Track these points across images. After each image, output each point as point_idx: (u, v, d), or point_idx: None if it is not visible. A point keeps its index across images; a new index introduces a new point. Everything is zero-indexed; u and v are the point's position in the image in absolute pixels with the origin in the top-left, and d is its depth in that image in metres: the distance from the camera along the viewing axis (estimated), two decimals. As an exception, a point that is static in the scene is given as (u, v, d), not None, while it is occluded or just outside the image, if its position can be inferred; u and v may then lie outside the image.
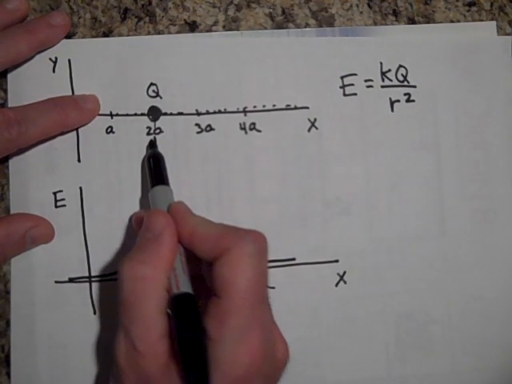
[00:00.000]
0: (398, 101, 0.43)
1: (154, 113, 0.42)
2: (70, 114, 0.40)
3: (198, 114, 0.42)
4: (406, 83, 0.43)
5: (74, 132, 0.41)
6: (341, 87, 0.43)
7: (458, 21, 0.45)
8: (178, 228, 0.34)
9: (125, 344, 0.32)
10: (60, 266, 0.41)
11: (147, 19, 0.43)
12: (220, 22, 0.44)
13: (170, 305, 0.32)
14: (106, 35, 0.43)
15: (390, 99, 0.43)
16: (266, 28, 0.44)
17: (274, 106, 0.42)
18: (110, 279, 0.41)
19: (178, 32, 0.43)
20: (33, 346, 0.41)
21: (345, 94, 0.43)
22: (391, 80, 0.43)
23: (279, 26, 0.44)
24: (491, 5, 0.45)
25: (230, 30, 0.43)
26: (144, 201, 0.42)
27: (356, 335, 0.42)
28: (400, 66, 0.43)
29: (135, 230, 0.38)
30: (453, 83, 0.43)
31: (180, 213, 0.35)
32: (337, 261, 0.42)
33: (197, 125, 0.42)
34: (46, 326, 0.41)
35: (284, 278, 0.42)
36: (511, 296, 0.43)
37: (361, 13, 0.44)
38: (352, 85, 0.43)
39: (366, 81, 0.43)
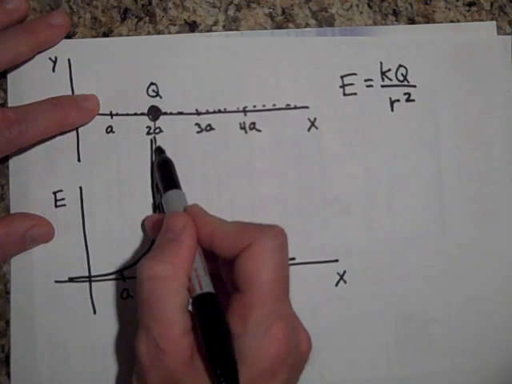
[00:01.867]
0: (398, 100, 0.43)
1: (154, 112, 0.42)
2: (69, 114, 0.40)
3: (198, 113, 0.42)
4: (405, 83, 0.43)
5: (74, 132, 0.41)
6: (341, 87, 0.43)
7: (458, 21, 0.45)
8: (197, 229, 0.35)
9: (147, 342, 0.33)
10: (60, 266, 0.41)
11: (147, 19, 0.43)
12: (220, 22, 0.44)
13: (193, 304, 0.33)
14: (106, 35, 0.43)
15: (390, 99, 0.43)
16: (266, 28, 0.44)
17: (273, 105, 0.42)
18: (110, 279, 0.41)
19: (178, 32, 0.43)
20: (33, 345, 0.41)
21: (345, 94, 0.43)
22: (391, 79, 0.43)
23: (279, 26, 0.44)
24: (491, 5, 0.45)
25: (230, 30, 0.43)
26: (144, 200, 0.42)
27: (356, 335, 0.42)
28: (400, 65, 0.43)
29: (150, 233, 0.39)
30: (453, 83, 0.43)
31: (198, 214, 0.36)
32: (337, 260, 0.42)
33: (197, 124, 0.42)
34: (46, 325, 0.41)
35: None
36: (511, 296, 0.43)
37: (361, 13, 0.44)
38: (352, 84, 0.43)
39: (365, 80, 0.43)
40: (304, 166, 0.42)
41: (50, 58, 0.42)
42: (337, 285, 0.42)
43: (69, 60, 0.42)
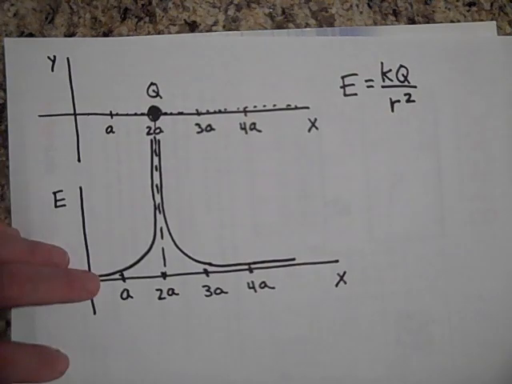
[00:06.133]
0: (399, 101, 0.43)
1: (154, 113, 0.42)
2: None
3: (199, 113, 0.42)
4: (406, 83, 0.43)
5: (74, 132, 0.41)
6: (341, 87, 0.43)
7: (458, 21, 0.45)
8: None
9: None
10: None
11: (147, 19, 0.43)
12: (220, 22, 0.44)
13: None
14: (106, 35, 0.43)
15: (391, 99, 0.43)
16: (266, 28, 0.44)
17: (274, 105, 0.42)
18: (110, 279, 0.41)
19: (177, 32, 0.43)
20: None
21: (345, 94, 0.43)
22: (392, 80, 0.43)
23: (279, 26, 0.44)
24: (491, 5, 0.45)
25: (230, 30, 0.43)
26: (144, 200, 0.41)
27: (356, 335, 0.42)
28: (401, 66, 0.43)
29: None
30: (453, 83, 0.43)
31: None
32: (337, 261, 0.42)
33: (197, 125, 0.42)
34: (46, 326, 0.41)
35: (284, 278, 0.42)
36: (511, 296, 0.43)
37: (361, 13, 0.44)
38: (353, 85, 0.43)
39: (366, 81, 0.43)
40: (304, 166, 0.42)
41: (48, 57, 0.42)
42: (337, 285, 0.42)
43: (68, 59, 0.41)
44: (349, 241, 0.42)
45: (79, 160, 0.41)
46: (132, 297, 0.41)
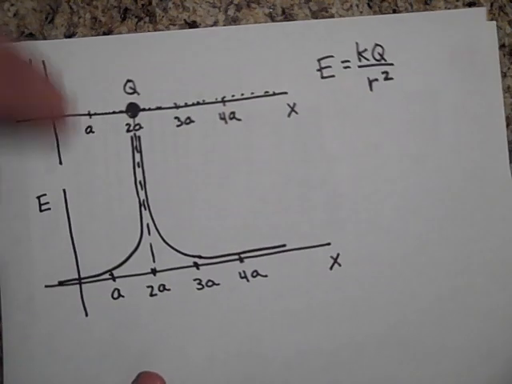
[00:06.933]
0: (377, 79, 0.42)
1: (133, 109, 0.41)
2: None
3: (177, 107, 0.42)
4: (383, 61, 0.43)
5: (53, 134, 0.41)
6: (318, 70, 0.42)
7: None
8: None
9: None
10: (49, 270, 0.41)
11: (147, 19, 0.43)
12: (220, 22, 0.43)
13: None
14: (106, 35, 0.43)
15: (368, 78, 0.42)
16: None
17: (252, 93, 0.42)
18: (100, 279, 0.41)
19: None
20: (26, 351, 0.40)
21: (322, 77, 0.42)
22: (368, 59, 0.42)
23: None
24: (491, 5, 0.45)
25: None
26: (128, 198, 0.41)
27: (356, 318, 0.41)
28: (376, 44, 0.43)
29: None
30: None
31: None
32: (329, 244, 0.42)
33: (176, 118, 0.42)
34: (39, 331, 0.40)
35: (276, 265, 0.41)
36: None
37: (361, 13, 0.44)
38: (329, 67, 0.42)
39: (342, 62, 0.42)
40: (287, 151, 0.42)
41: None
42: (331, 268, 0.42)
43: (43, 62, 0.41)
44: (339, 223, 0.42)
45: (60, 163, 0.41)
46: (123, 296, 0.41)
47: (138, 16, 0.43)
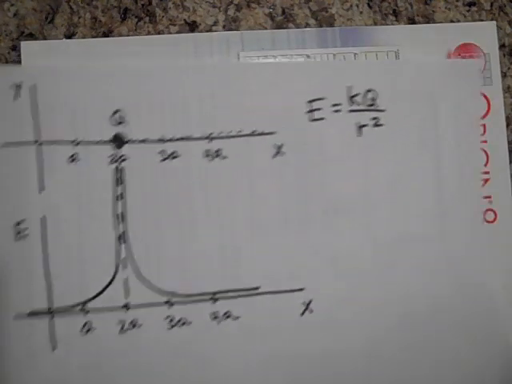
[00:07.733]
0: (366, 125, 0.42)
1: (119, 140, 0.41)
2: None
3: (163, 140, 0.41)
4: (374, 107, 0.42)
5: (35, 160, 0.41)
6: (308, 112, 0.42)
7: (458, 21, 0.45)
8: None
9: None
10: (20, 300, 0.40)
11: (147, 19, 0.43)
12: (220, 22, 0.44)
13: None
14: (106, 35, 0.43)
15: (358, 124, 0.42)
16: (265, 28, 0.44)
17: (239, 132, 0.41)
18: (71, 312, 0.40)
19: (178, 32, 0.43)
20: None
21: (312, 119, 0.42)
22: (359, 104, 0.42)
23: (279, 26, 0.44)
24: (491, 5, 0.45)
25: (230, 29, 0.44)
26: (106, 230, 0.41)
27: (322, 366, 0.41)
28: (368, 90, 0.42)
29: None
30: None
31: None
32: (301, 289, 0.41)
33: (161, 152, 0.41)
34: (6, 365, 0.40)
35: (249, 307, 0.41)
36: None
37: (361, 13, 0.44)
38: (320, 109, 0.42)
39: (333, 105, 0.42)
40: (268, 193, 0.41)
41: (15, 84, 0.41)
42: (302, 314, 0.41)
43: (35, 86, 0.41)
44: (314, 268, 0.41)
45: (42, 189, 0.41)
46: (95, 328, 0.40)
47: (137, 16, 0.43)
